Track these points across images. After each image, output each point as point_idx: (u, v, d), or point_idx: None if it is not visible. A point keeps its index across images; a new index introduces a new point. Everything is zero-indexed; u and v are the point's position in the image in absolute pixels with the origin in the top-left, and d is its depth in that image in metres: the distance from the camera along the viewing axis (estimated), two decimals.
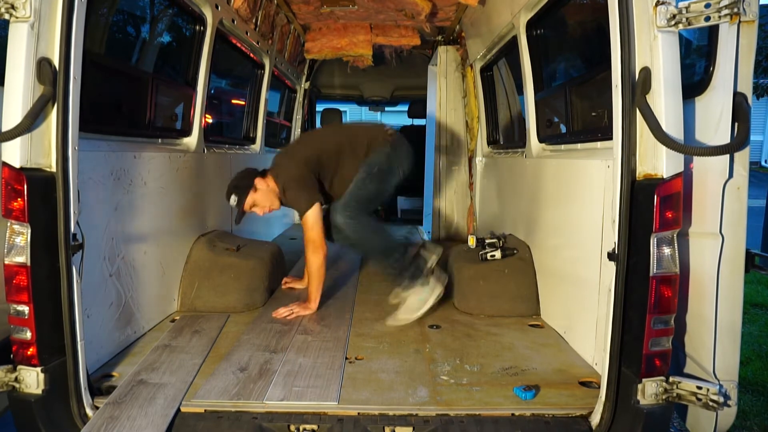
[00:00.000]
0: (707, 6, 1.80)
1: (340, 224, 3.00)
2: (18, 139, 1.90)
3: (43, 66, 1.91)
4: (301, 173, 3.16)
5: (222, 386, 2.30)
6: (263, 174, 3.26)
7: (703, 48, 2.10)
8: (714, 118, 2.00)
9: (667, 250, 1.92)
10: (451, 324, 3.15)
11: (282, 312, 3.15)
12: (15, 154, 1.91)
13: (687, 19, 1.82)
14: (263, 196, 3.21)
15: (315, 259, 3.14)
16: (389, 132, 3.29)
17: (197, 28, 3.52)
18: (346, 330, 2.99)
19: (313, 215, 3.09)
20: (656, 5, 1.84)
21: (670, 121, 1.87)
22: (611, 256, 2.01)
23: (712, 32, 1.98)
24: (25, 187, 1.91)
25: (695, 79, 2.14)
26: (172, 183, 3.21)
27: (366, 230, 2.99)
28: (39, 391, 2.02)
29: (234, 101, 5.26)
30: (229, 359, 2.58)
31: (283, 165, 3.25)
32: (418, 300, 2.97)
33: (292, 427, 2.06)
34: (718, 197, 2.02)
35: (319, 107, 8.04)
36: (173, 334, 2.89)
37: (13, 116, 1.89)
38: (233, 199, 3.17)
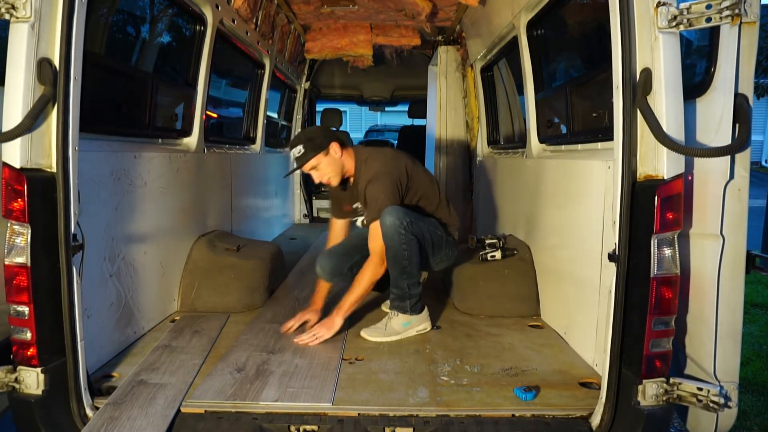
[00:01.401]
0: (708, 7, 1.79)
1: (392, 224, 2.75)
2: (18, 140, 1.90)
3: (43, 66, 1.91)
4: (397, 178, 2.87)
5: (218, 387, 2.30)
6: (342, 143, 2.95)
7: (704, 49, 2.09)
8: (715, 119, 2.00)
9: (667, 252, 1.92)
10: (451, 324, 3.15)
11: (305, 339, 2.80)
12: (15, 154, 1.91)
13: (688, 20, 1.82)
14: (330, 163, 2.89)
15: (375, 273, 2.85)
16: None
17: (197, 28, 3.52)
18: (344, 331, 2.98)
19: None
20: (657, 6, 1.84)
21: (671, 122, 1.87)
22: (612, 257, 2.01)
23: (713, 33, 1.98)
24: (26, 187, 1.91)
25: (696, 80, 2.14)
26: (172, 183, 3.21)
27: (406, 245, 2.77)
28: (39, 392, 2.02)
29: (234, 101, 5.26)
30: (227, 360, 2.58)
31: (379, 157, 2.95)
32: (402, 324, 2.91)
33: (293, 428, 2.06)
34: (718, 198, 2.01)
35: (319, 107, 8.04)
36: (173, 335, 2.88)
37: (14, 116, 1.88)
38: (298, 150, 2.84)
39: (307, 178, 7.24)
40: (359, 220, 3.20)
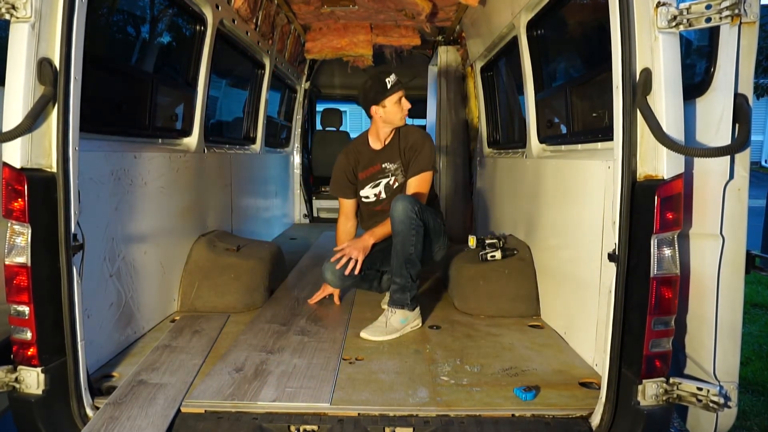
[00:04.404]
0: (708, 7, 1.79)
1: (404, 207, 2.93)
2: (18, 140, 1.90)
3: (43, 66, 1.91)
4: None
5: (216, 386, 2.30)
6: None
7: (704, 49, 2.10)
8: (715, 119, 2.00)
9: (667, 252, 1.92)
10: (451, 324, 3.15)
11: (338, 256, 3.15)
12: (15, 154, 1.91)
13: (688, 20, 1.82)
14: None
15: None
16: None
17: (197, 28, 3.52)
18: (343, 331, 2.98)
19: (430, 179, 3.25)
20: (657, 6, 1.84)
21: (671, 122, 1.87)
22: (612, 257, 2.01)
23: (713, 33, 1.98)
24: (26, 187, 1.91)
25: (696, 80, 2.14)
26: (172, 183, 3.21)
27: (415, 231, 2.94)
28: (39, 392, 2.02)
29: (234, 101, 5.25)
30: (226, 359, 2.58)
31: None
32: (400, 321, 2.97)
33: (293, 428, 2.06)
34: (718, 198, 2.02)
35: (319, 107, 8.05)
36: (173, 335, 2.88)
37: (14, 117, 1.88)
38: (393, 78, 3.20)
39: (307, 179, 7.28)
40: (383, 183, 3.35)
